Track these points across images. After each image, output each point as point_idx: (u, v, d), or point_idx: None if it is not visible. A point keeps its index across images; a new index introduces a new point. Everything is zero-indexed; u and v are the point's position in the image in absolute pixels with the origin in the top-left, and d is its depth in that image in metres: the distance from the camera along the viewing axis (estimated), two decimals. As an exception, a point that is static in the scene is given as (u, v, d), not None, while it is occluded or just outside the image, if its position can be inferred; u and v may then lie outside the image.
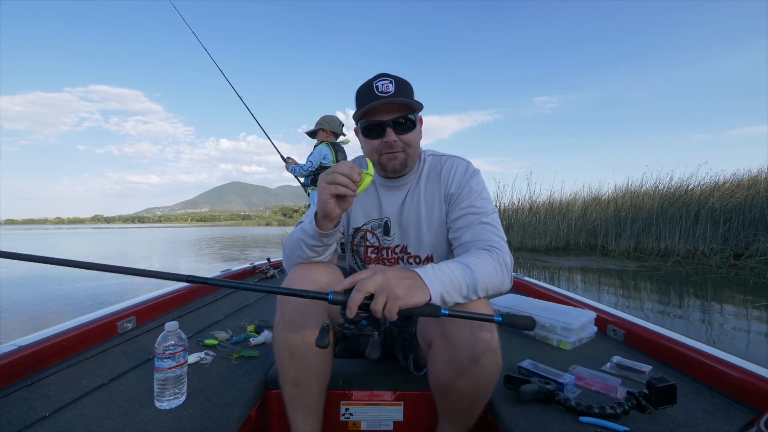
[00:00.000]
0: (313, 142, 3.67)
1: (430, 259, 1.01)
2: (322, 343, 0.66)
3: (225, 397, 0.96)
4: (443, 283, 0.69)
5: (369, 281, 0.63)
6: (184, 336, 0.95)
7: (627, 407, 0.87)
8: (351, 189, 0.75)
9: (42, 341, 1.14)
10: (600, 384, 1.02)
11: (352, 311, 0.62)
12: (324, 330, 0.67)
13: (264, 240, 18.33)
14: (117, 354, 1.24)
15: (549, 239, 9.65)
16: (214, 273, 2.31)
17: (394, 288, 0.64)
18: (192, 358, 1.16)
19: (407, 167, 1.00)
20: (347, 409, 1.10)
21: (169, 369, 0.91)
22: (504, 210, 10.34)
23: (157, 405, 0.91)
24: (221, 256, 10.11)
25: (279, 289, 0.67)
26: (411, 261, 1.03)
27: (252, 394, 1.00)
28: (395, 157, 0.96)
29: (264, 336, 1.36)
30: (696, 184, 8.80)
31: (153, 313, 1.63)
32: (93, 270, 0.59)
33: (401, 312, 0.64)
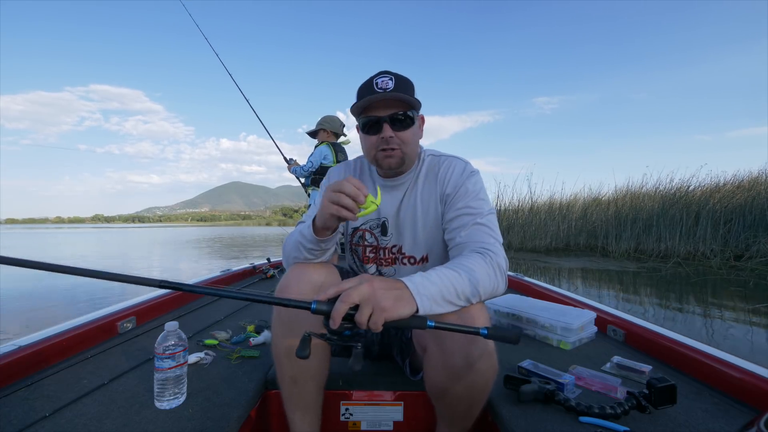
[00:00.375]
0: (314, 142, 3.67)
1: (425, 260, 1.01)
2: (302, 354, 0.64)
3: (225, 397, 0.97)
4: (431, 294, 0.68)
5: (354, 291, 0.61)
6: (184, 336, 0.95)
7: (627, 407, 0.87)
8: (353, 213, 0.75)
9: (42, 341, 1.14)
10: (600, 384, 1.02)
11: (336, 322, 0.60)
12: (305, 339, 0.64)
13: (264, 240, 18.33)
14: (117, 354, 1.24)
15: (549, 240, 9.65)
16: (213, 273, 2.31)
17: (380, 299, 0.62)
18: (192, 358, 1.16)
19: (404, 165, 0.99)
20: (347, 409, 1.10)
21: (169, 369, 0.91)
22: (504, 210, 10.34)
23: (157, 405, 0.91)
24: (221, 256, 10.11)
25: (261, 298, 0.64)
26: (406, 261, 1.02)
27: (252, 394, 1.00)
28: (391, 155, 0.94)
29: (264, 336, 1.36)
30: (696, 185, 8.81)
31: (153, 313, 1.63)
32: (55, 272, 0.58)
33: (387, 324, 0.62)
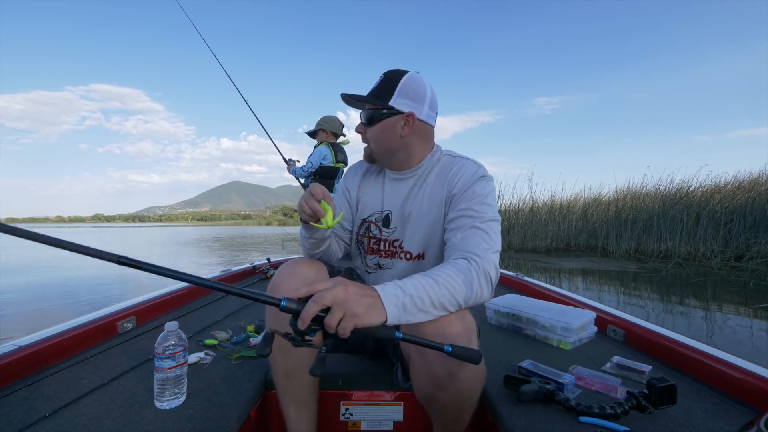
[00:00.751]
0: (314, 142, 3.67)
1: (421, 257, 1.01)
2: (262, 352, 0.62)
3: (225, 397, 0.97)
4: (403, 305, 0.67)
5: (328, 293, 0.61)
6: (184, 336, 0.96)
7: (627, 407, 0.87)
8: (312, 221, 0.85)
9: (42, 341, 1.14)
10: (600, 384, 1.02)
11: (304, 322, 0.59)
12: (267, 338, 0.63)
13: (263, 240, 18.33)
14: (117, 354, 1.24)
15: (550, 240, 9.65)
16: (214, 273, 2.31)
17: (352, 305, 0.61)
18: (192, 358, 1.16)
19: (377, 161, 1.06)
20: (347, 409, 1.10)
21: (169, 369, 0.91)
22: (505, 211, 10.34)
23: (157, 405, 0.91)
24: (222, 256, 10.11)
25: (228, 288, 0.61)
26: (403, 256, 1.03)
27: (252, 394, 1.00)
28: (366, 149, 1.05)
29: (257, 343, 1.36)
30: (697, 185, 8.81)
31: (153, 313, 1.63)
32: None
33: (356, 331, 0.62)
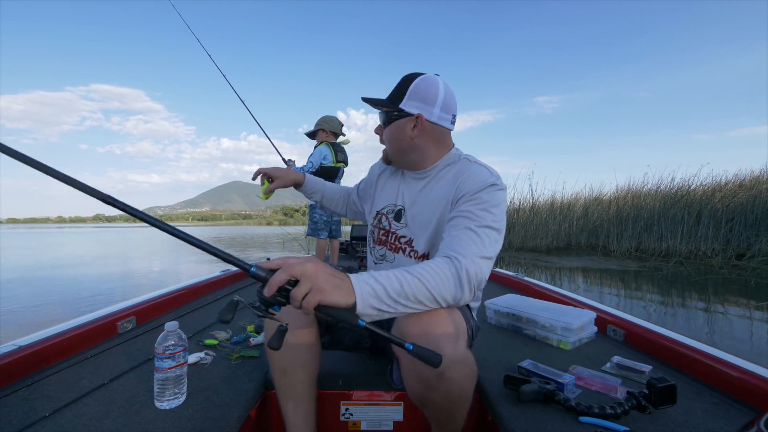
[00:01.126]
0: (313, 142, 3.66)
1: (425, 257, 1.01)
2: (223, 318, 0.64)
3: (225, 397, 0.97)
4: (374, 291, 0.68)
5: (298, 265, 0.62)
6: (184, 336, 0.96)
7: (627, 407, 0.87)
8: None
9: (42, 341, 1.14)
10: (600, 384, 1.02)
11: (270, 290, 0.60)
12: (231, 304, 0.65)
13: (264, 240, 18.33)
14: (117, 354, 1.24)
15: (550, 239, 9.64)
16: (214, 273, 2.31)
17: (320, 280, 0.62)
18: (192, 358, 1.17)
19: (393, 162, 1.10)
20: (347, 409, 1.10)
21: (169, 369, 0.91)
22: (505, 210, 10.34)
23: (157, 405, 0.91)
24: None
25: (205, 246, 0.61)
26: (409, 253, 1.04)
27: (252, 394, 1.00)
28: (384, 150, 1.09)
29: (264, 336, 1.36)
30: (698, 184, 8.80)
31: (153, 313, 1.63)
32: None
33: (320, 308, 0.62)
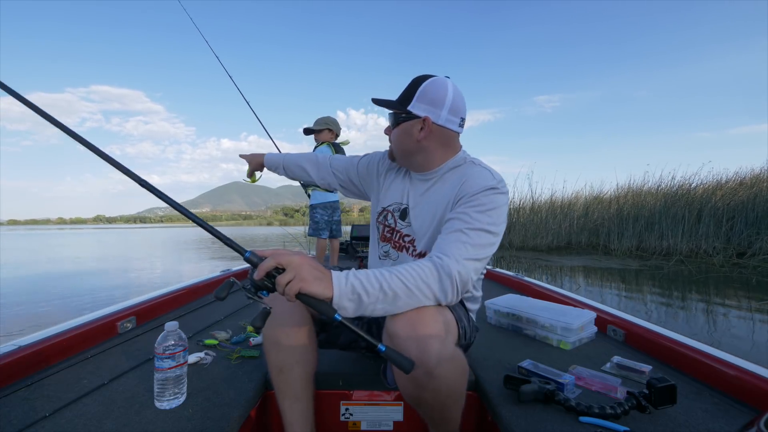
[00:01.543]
0: (312, 140, 3.66)
1: (423, 256, 1.01)
2: (219, 294, 0.72)
3: (225, 397, 0.97)
4: (352, 286, 0.72)
5: (286, 255, 0.70)
6: (184, 336, 0.96)
7: (627, 407, 0.87)
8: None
9: (42, 341, 1.14)
10: (600, 384, 1.02)
11: (259, 274, 0.68)
12: (226, 284, 0.72)
13: (264, 240, 18.34)
14: (117, 354, 1.24)
15: (551, 238, 9.64)
16: (214, 273, 2.31)
17: (304, 271, 0.69)
18: (192, 358, 1.17)
19: (398, 162, 1.10)
20: (347, 409, 1.10)
21: (169, 369, 0.91)
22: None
23: (157, 405, 0.92)
24: (222, 256, 10.13)
25: (206, 226, 0.75)
26: (411, 251, 1.05)
27: (252, 394, 1.00)
28: (390, 147, 1.09)
29: (262, 335, 1.36)
30: (698, 182, 8.78)
31: (153, 313, 1.63)
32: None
33: (300, 296, 0.69)
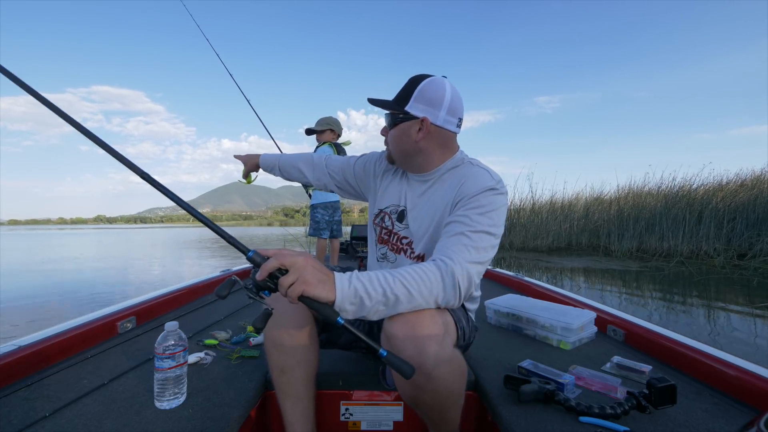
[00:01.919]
0: (313, 140, 3.66)
1: (421, 258, 1.01)
2: (221, 293, 0.70)
3: (225, 397, 0.97)
4: (355, 289, 0.70)
5: (290, 257, 0.68)
6: (184, 336, 0.96)
7: (627, 407, 0.87)
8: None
9: (42, 341, 1.14)
10: (600, 384, 1.02)
11: (262, 274, 0.67)
12: (228, 282, 0.72)
13: (264, 240, 18.33)
14: (117, 354, 1.24)
15: (551, 239, 9.63)
16: (214, 273, 2.32)
17: (307, 273, 0.67)
18: (192, 358, 1.17)
19: (396, 164, 1.09)
20: (347, 409, 1.10)
21: (169, 369, 0.91)
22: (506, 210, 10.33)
23: (157, 405, 0.92)
24: (222, 256, 10.14)
25: (210, 224, 0.73)
26: (409, 254, 1.04)
27: (252, 394, 1.00)
28: (387, 149, 1.07)
29: (264, 336, 1.36)
30: (699, 183, 8.78)
31: (153, 313, 1.63)
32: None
33: (303, 299, 0.67)
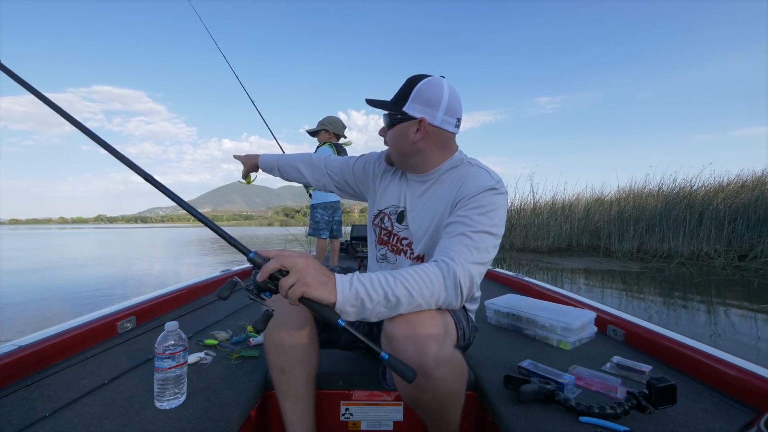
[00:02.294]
0: (314, 141, 3.65)
1: (420, 259, 1.02)
2: (222, 294, 0.71)
3: (225, 397, 0.97)
4: (356, 291, 0.70)
5: (290, 258, 0.68)
6: (184, 336, 0.96)
7: (627, 407, 0.86)
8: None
9: (42, 341, 1.14)
10: (600, 384, 1.02)
11: (263, 275, 0.67)
12: (229, 283, 0.72)
13: (264, 240, 18.33)
14: (117, 354, 1.24)
15: (552, 240, 9.63)
16: (214, 273, 2.32)
17: (308, 275, 0.67)
18: (192, 358, 1.17)
19: (395, 164, 1.09)
20: (347, 409, 1.10)
21: (169, 369, 0.91)
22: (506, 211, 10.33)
23: (157, 405, 0.92)
24: (222, 256, 10.14)
25: (211, 225, 0.73)
26: (409, 255, 1.04)
27: (252, 394, 1.00)
28: (387, 151, 1.08)
29: (264, 336, 1.36)
30: (700, 184, 8.77)
31: (153, 313, 1.63)
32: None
33: (304, 300, 0.67)
